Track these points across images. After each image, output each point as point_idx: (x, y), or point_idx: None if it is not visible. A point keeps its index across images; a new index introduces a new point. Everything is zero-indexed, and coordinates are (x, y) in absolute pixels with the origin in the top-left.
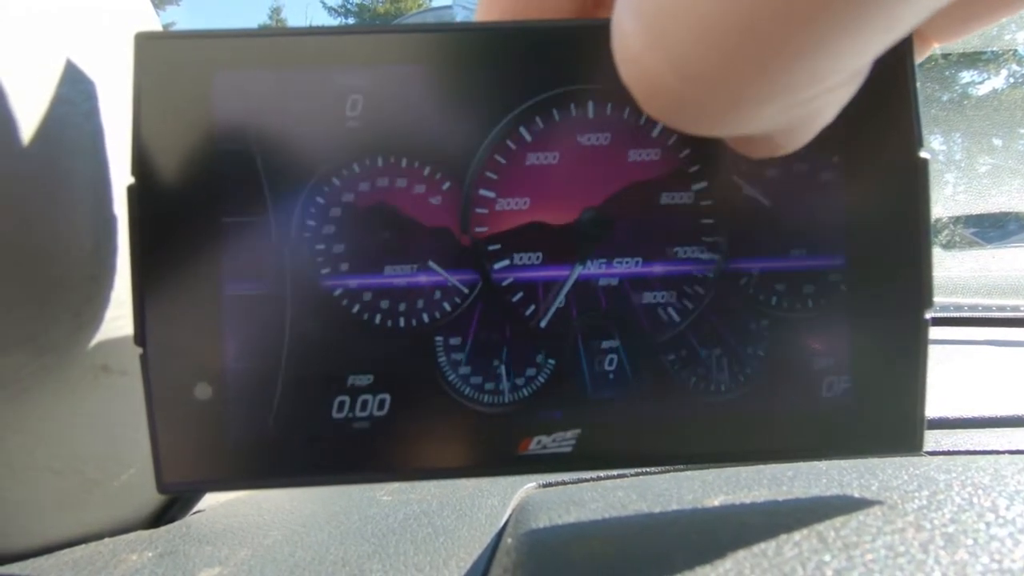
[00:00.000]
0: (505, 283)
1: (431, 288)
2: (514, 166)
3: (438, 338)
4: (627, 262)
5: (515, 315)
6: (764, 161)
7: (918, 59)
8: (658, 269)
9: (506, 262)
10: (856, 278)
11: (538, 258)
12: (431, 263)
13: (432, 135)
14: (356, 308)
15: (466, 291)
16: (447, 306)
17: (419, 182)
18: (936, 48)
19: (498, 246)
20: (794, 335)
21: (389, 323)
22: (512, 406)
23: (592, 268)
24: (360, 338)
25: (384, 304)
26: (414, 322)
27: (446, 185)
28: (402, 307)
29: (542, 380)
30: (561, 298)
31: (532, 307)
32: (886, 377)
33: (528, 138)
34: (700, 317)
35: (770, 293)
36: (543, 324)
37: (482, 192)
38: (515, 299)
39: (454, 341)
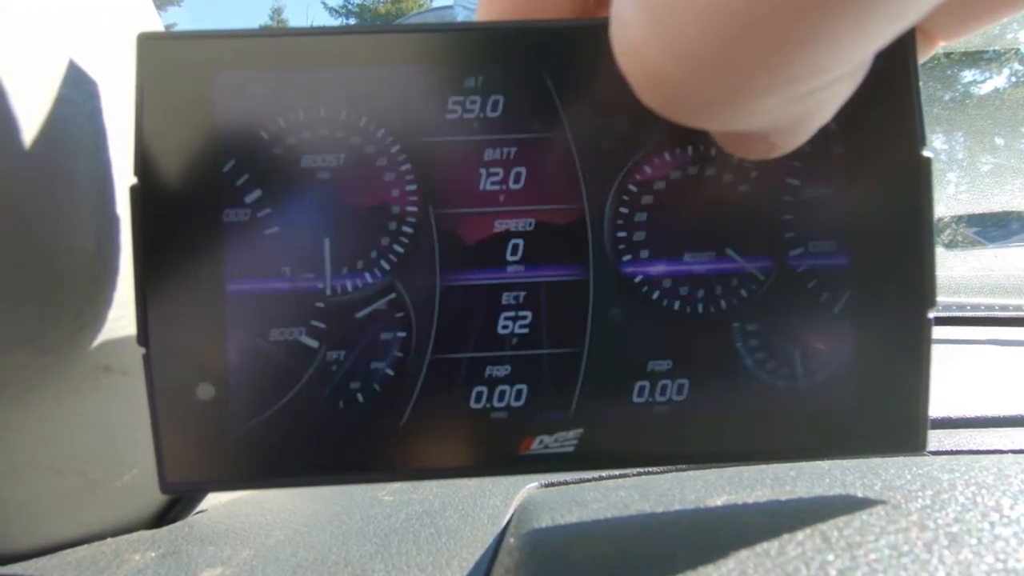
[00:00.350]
0: (800, 269)
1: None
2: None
3: (735, 324)
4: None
5: (811, 302)
6: (748, 162)
7: (922, 58)
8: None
9: (801, 250)
10: (859, 278)
11: (830, 246)
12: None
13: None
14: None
15: (762, 278)
16: (744, 292)
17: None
18: (940, 47)
19: (792, 234)
20: (796, 335)
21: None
22: (807, 391)
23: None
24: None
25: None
26: (712, 308)
27: (754, 173)
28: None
29: (836, 365)
30: (855, 286)
31: (826, 294)
32: (889, 377)
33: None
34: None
35: (772, 293)
36: (837, 310)
37: (789, 181)
38: (810, 286)
39: (751, 327)
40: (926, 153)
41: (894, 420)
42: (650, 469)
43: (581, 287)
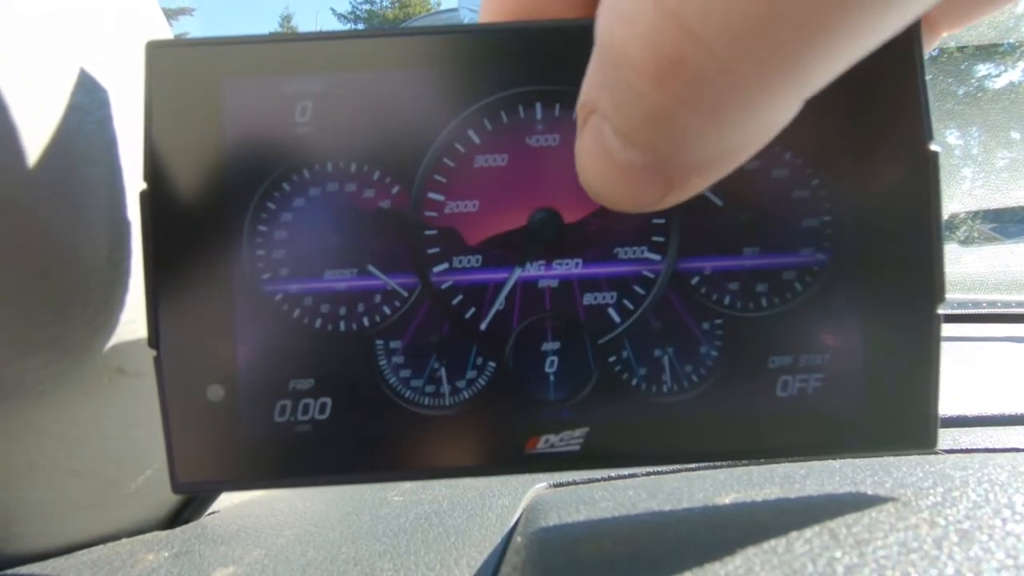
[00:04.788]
0: (444, 286)
1: (371, 292)
2: (462, 169)
3: (378, 341)
4: (568, 263)
5: (455, 318)
6: (771, 158)
7: (927, 49)
8: (603, 270)
9: (445, 265)
10: (867, 273)
11: (478, 261)
12: (371, 267)
13: (383, 139)
14: (294, 313)
15: (405, 295)
16: (387, 310)
17: (368, 186)
18: (949, 40)
19: (437, 249)
20: (805, 332)
21: (329, 327)
22: (453, 409)
23: (532, 271)
24: (299, 342)
25: (324, 308)
26: (354, 326)
27: (395, 189)
28: (342, 311)
29: (483, 383)
30: (501, 300)
31: (472, 310)
32: (898, 374)
33: (476, 140)
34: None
35: (776, 292)
36: (483, 327)
37: (431, 195)
38: (454, 302)
39: (394, 344)
40: (933, 147)
41: (904, 417)
42: (659, 468)
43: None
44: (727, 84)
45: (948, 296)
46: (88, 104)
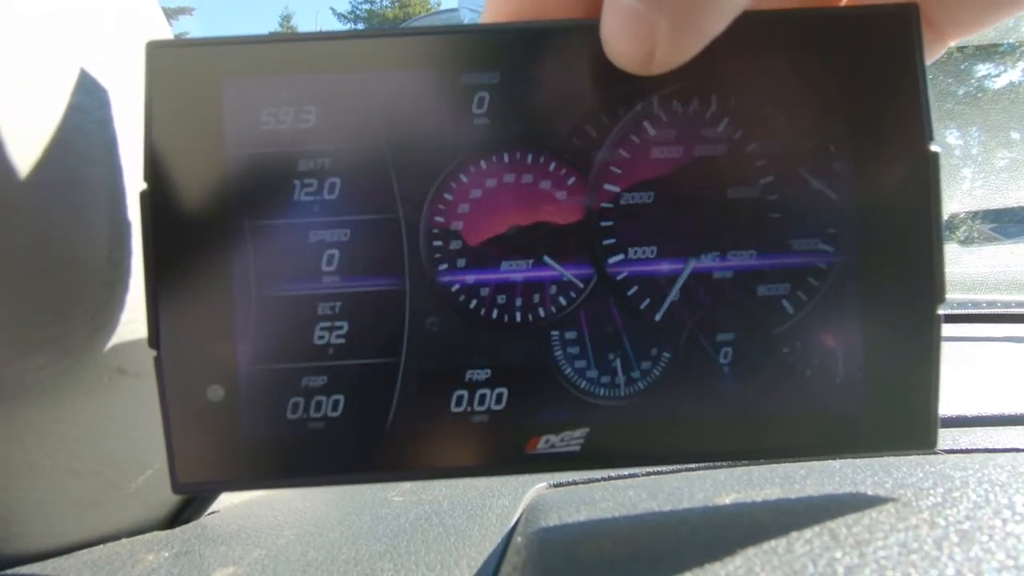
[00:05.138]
0: (619, 277)
1: (546, 283)
2: (638, 160)
3: (554, 333)
4: (741, 255)
5: (631, 309)
6: (773, 158)
7: (932, 57)
8: (778, 262)
9: (620, 256)
10: (867, 273)
11: (653, 252)
12: (547, 258)
13: (555, 128)
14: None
15: (581, 285)
16: (563, 301)
17: (545, 177)
18: (951, 44)
19: (612, 240)
20: (805, 332)
21: (506, 318)
22: (627, 400)
23: (706, 262)
24: (478, 333)
25: (501, 299)
26: (530, 317)
27: (571, 180)
28: (518, 303)
29: (657, 373)
30: (676, 292)
31: (647, 301)
32: (899, 374)
33: (653, 132)
34: (708, 316)
35: (778, 290)
36: (657, 318)
37: (606, 187)
38: (630, 293)
39: (569, 335)
40: (933, 147)
41: (904, 417)
42: (659, 468)
43: (397, 297)
44: None
45: (948, 296)
46: (88, 104)
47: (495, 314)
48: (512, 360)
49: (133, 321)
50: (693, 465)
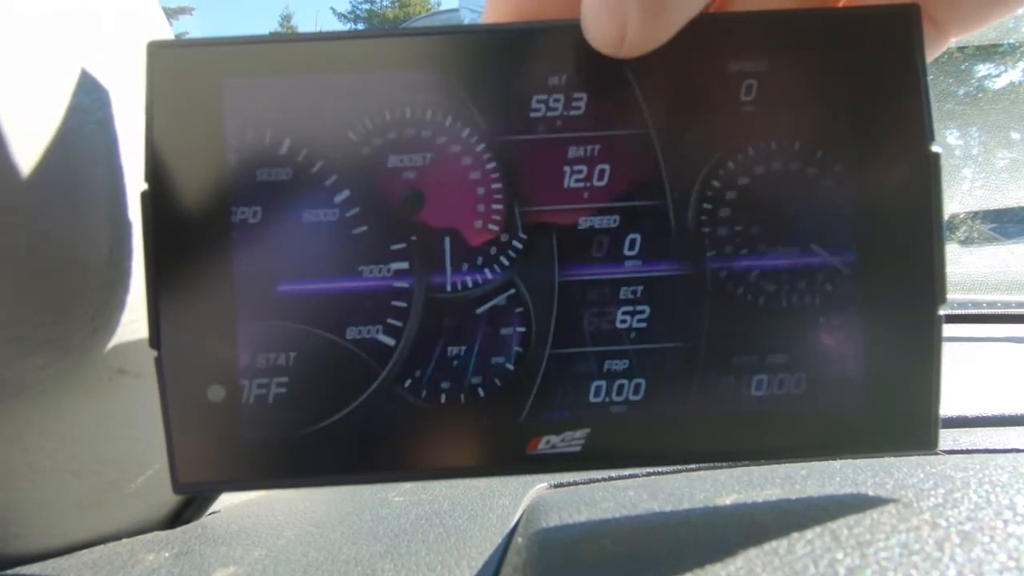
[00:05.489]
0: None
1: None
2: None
3: (822, 318)
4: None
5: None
6: (774, 158)
7: (933, 54)
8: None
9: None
10: (868, 275)
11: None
12: (814, 246)
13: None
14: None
15: (846, 272)
16: (829, 287)
17: (811, 165)
18: (952, 43)
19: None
20: (806, 333)
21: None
22: None
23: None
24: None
25: (770, 287)
26: (796, 301)
27: (838, 167)
28: (777, 288)
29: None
30: None
31: (899, 284)
32: (900, 374)
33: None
34: (709, 316)
35: (779, 291)
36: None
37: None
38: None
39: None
40: (934, 148)
41: (904, 418)
42: (659, 469)
43: (684, 282)
44: None
45: (948, 296)
46: (88, 104)
47: (761, 301)
48: (810, 345)
49: (133, 321)
50: (693, 465)
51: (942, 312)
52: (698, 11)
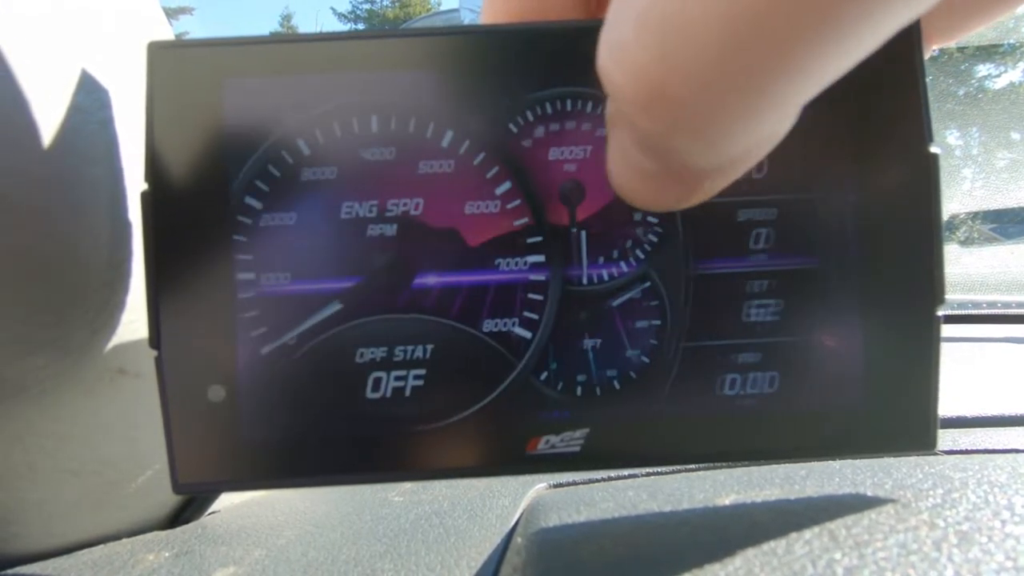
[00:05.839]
0: None
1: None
2: None
3: None
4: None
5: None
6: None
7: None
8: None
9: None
10: (867, 274)
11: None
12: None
13: None
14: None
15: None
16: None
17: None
18: (935, 50)
19: None
20: (805, 334)
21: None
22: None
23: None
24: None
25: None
26: None
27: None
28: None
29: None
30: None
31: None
32: (898, 375)
33: None
34: (712, 316)
35: (780, 291)
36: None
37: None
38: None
39: None
40: (933, 149)
41: (903, 419)
42: (659, 469)
43: (814, 275)
44: (710, 107)
45: (948, 297)
46: (89, 105)
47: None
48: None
49: (134, 321)
50: (693, 466)
51: (941, 312)
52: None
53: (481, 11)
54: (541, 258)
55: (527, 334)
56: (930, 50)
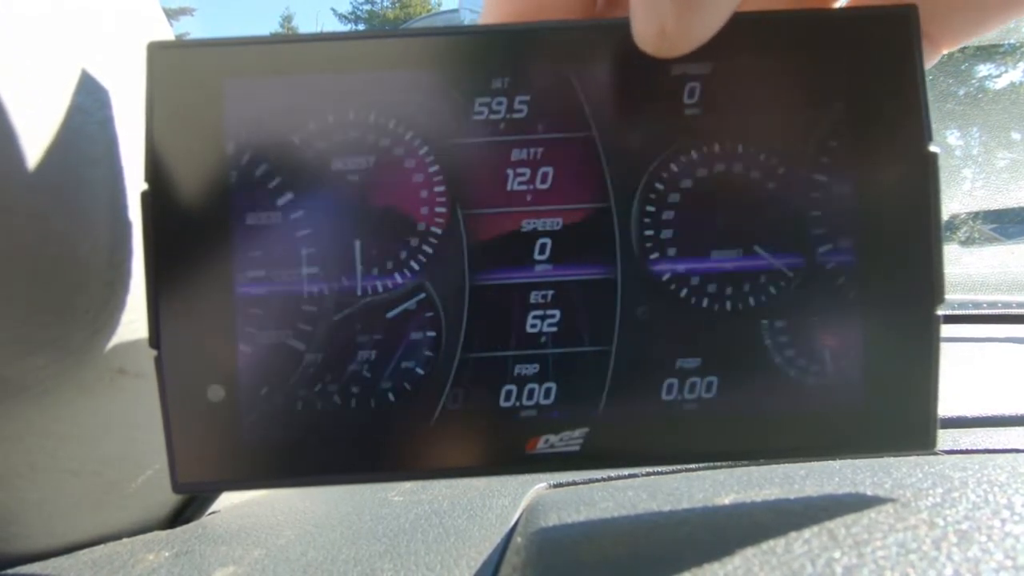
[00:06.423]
0: (829, 267)
1: (757, 272)
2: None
3: (763, 322)
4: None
5: (839, 298)
6: (775, 159)
7: (927, 64)
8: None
9: (829, 246)
10: (866, 275)
11: (852, 242)
12: (757, 247)
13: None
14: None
15: (791, 275)
16: (772, 290)
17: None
18: (944, 54)
19: (822, 230)
20: (805, 333)
21: (716, 307)
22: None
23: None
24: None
25: (711, 288)
26: (740, 306)
27: (781, 170)
28: (728, 291)
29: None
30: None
31: (853, 292)
32: (898, 375)
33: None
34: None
35: (779, 291)
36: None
37: (816, 176)
38: (839, 283)
39: (779, 324)
40: (932, 148)
41: (903, 418)
42: (659, 469)
43: (608, 286)
44: None
45: (948, 297)
46: (89, 105)
47: (705, 303)
48: (721, 347)
49: (134, 321)
50: (693, 465)
51: (940, 312)
52: (732, 10)
53: (481, 11)
54: (315, 270)
55: (301, 346)
56: (937, 55)
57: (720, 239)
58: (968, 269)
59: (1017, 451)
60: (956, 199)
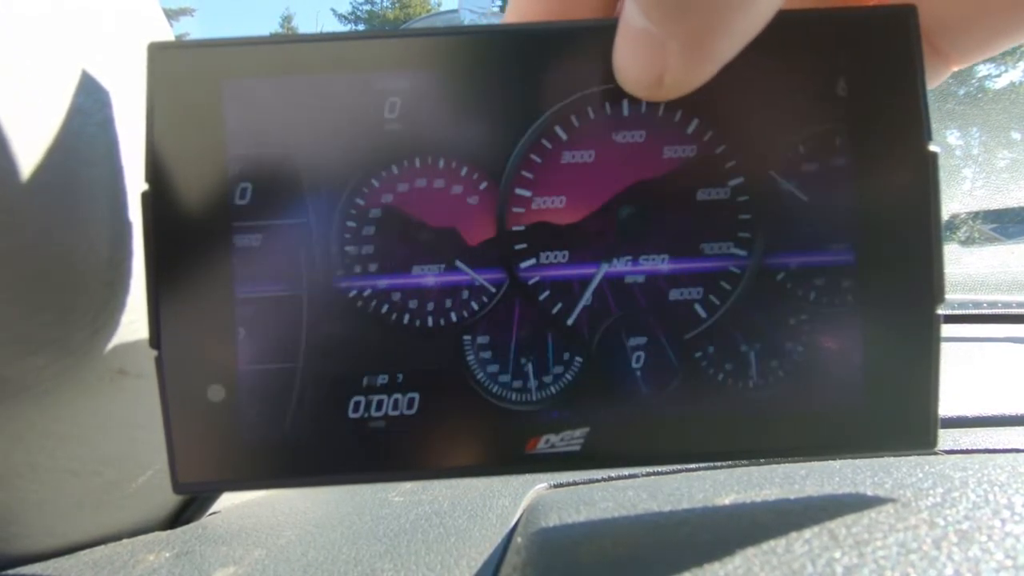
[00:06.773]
0: (531, 282)
1: (458, 287)
2: (549, 165)
3: (466, 337)
4: (654, 259)
5: (542, 313)
6: (775, 159)
7: (936, 82)
8: (686, 266)
9: (532, 261)
10: (866, 274)
11: (564, 256)
12: (458, 262)
13: (468, 136)
14: (382, 308)
15: (493, 290)
16: (475, 305)
17: (456, 182)
18: (954, 70)
19: (524, 245)
20: (805, 333)
21: (417, 323)
22: (539, 404)
23: (619, 266)
24: (381, 338)
25: (412, 304)
26: (442, 321)
27: (483, 185)
28: (430, 307)
29: (569, 378)
30: (588, 296)
31: (559, 305)
32: (898, 374)
33: (564, 136)
34: (716, 316)
35: (779, 291)
36: (570, 322)
37: (518, 191)
38: (542, 297)
39: (482, 340)
40: (932, 147)
41: (903, 418)
42: (659, 469)
43: (296, 302)
44: None
45: (948, 296)
46: (89, 106)
47: (406, 319)
48: (423, 365)
49: (134, 321)
50: (693, 465)
51: (941, 312)
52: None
53: (507, 10)
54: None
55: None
56: (948, 72)
57: (423, 255)
58: (968, 269)
59: (1017, 451)
60: (956, 199)
